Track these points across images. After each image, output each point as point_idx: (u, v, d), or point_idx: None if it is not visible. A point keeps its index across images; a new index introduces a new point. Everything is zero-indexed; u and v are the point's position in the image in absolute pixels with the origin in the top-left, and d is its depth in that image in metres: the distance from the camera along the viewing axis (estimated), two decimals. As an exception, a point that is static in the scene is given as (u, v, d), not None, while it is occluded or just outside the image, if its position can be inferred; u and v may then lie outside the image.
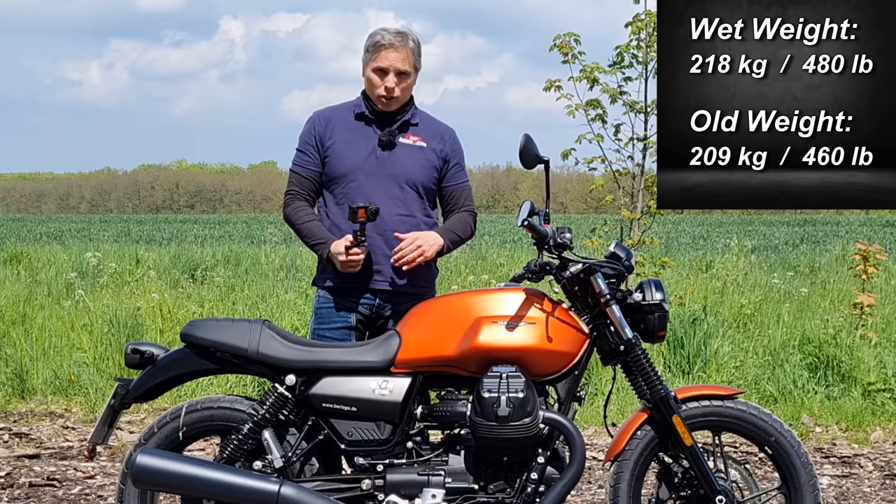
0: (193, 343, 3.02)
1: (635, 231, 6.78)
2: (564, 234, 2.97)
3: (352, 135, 3.32)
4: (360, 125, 3.34)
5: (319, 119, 3.38)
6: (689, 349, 6.25)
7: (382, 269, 3.27)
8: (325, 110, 3.42)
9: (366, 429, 2.98)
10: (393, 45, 3.26)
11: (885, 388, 5.88)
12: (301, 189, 3.37)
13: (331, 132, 3.33)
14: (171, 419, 3.05)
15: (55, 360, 6.36)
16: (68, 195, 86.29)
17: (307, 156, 3.36)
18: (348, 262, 3.17)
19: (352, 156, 3.30)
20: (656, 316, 3.00)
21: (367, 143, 3.31)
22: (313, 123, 3.38)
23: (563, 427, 2.91)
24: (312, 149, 3.35)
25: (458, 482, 2.93)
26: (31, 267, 12.16)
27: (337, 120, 3.36)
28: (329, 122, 3.36)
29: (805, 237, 26.63)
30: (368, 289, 3.28)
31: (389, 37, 3.28)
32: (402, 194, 3.29)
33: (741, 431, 3.10)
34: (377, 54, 3.28)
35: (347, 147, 3.31)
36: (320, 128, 3.36)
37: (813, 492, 3.05)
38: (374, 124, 3.33)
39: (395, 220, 3.27)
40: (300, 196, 3.37)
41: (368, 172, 3.28)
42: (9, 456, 4.85)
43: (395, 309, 3.30)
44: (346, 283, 3.28)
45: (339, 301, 3.31)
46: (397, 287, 3.29)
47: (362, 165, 3.29)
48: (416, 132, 3.35)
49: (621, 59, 6.67)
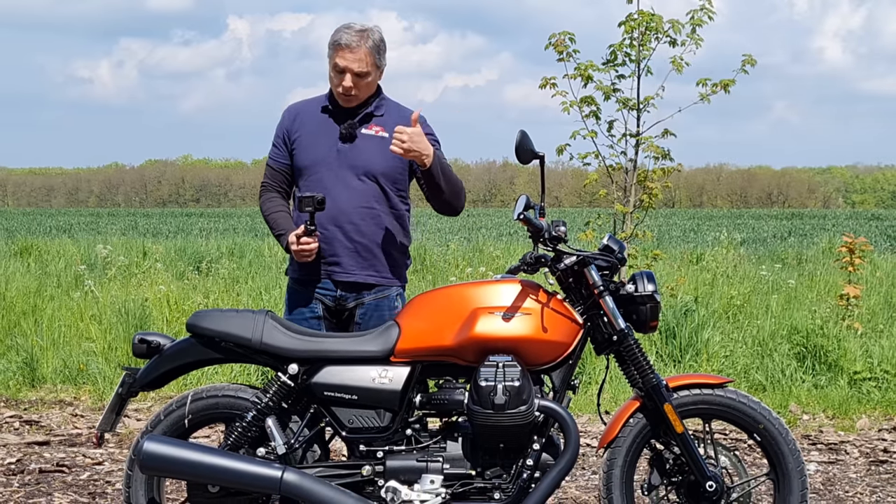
0: (199, 333, 3.07)
1: (628, 224, 6.85)
2: (559, 228, 3.01)
3: (317, 128, 3.36)
4: (325, 118, 3.37)
5: (290, 112, 3.43)
6: (681, 339, 6.33)
7: (342, 261, 3.30)
8: (296, 104, 3.47)
9: (366, 416, 3.02)
10: (350, 45, 3.26)
11: (871, 376, 5.96)
12: (273, 181, 3.43)
13: (298, 126, 3.38)
14: (177, 407, 3.10)
15: (64, 349, 6.44)
16: (77, 189, 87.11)
17: (278, 149, 3.42)
18: (299, 251, 3.21)
19: (314, 149, 3.34)
20: (648, 307, 3.05)
21: (330, 137, 3.33)
22: (284, 117, 3.43)
23: (558, 415, 2.96)
24: (282, 142, 3.41)
25: (455, 468, 2.98)
26: (41, 259, 12.21)
27: (305, 113, 3.40)
28: (297, 115, 3.41)
29: (793, 230, 26.77)
30: (330, 279, 3.32)
31: (348, 36, 3.27)
32: (361, 186, 3.31)
33: (731, 419, 3.14)
34: (336, 53, 3.29)
35: (311, 140, 3.35)
36: (288, 122, 3.41)
37: (800, 477, 3.09)
38: (338, 118, 3.35)
39: (354, 211, 3.29)
40: (271, 188, 3.43)
41: (329, 165, 3.31)
42: (19, 443, 4.91)
43: (358, 300, 3.34)
44: (308, 273, 3.33)
45: (304, 290, 3.36)
46: (357, 278, 3.32)
47: (324, 158, 3.32)
48: (379, 122, 3.36)
49: (615, 57, 6.73)
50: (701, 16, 6.72)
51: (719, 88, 6.78)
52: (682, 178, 65.20)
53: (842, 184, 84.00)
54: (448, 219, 37.61)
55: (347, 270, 3.32)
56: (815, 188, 79.02)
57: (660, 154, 6.79)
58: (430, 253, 11.95)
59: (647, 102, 6.74)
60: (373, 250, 3.33)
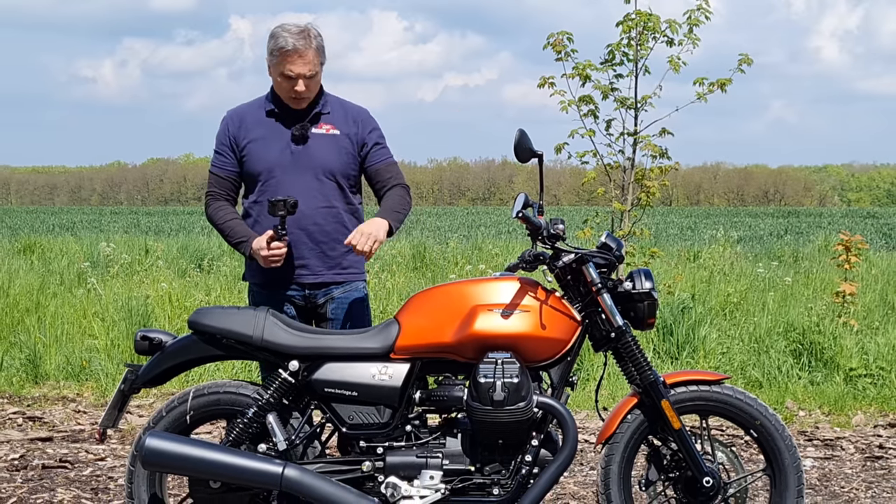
0: (200, 330, 3.09)
1: (626, 222, 6.88)
2: (557, 226, 3.02)
3: (266, 132, 3.33)
4: (271, 122, 3.34)
5: (233, 119, 3.39)
6: (678, 336, 6.36)
7: (307, 263, 3.30)
8: (237, 109, 3.43)
9: (366, 413, 3.04)
10: (297, 49, 3.23)
11: (867, 373, 6.00)
12: (220, 189, 3.39)
13: (245, 132, 3.35)
14: (179, 403, 3.12)
15: (67, 346, 6.47)
16: (80, 188, 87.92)
17: (224, 157, 3.38)
18: (270, 256, 3.21)
19: (267, 153, 3.31)
20: (646, 304, 3.07)
21: (281, 140, 3.32)
22: (227, 124, 3.38)
23: (556, 411, 2.98)
24: (228, 149, 3.37)
25: (455, 464, 3.00)
26: (45, 257, 12.26)
27: (250, 118, 3.36)
28: (242, 121, 3.37)
29: (789, 228, 26.82)
30: (296, 282, 3.32)
31: (293, 40, 3.23)
32: (320, 186, 3.31)
33: (728, 415, 3.16)
34: (282, 60, 3.24)
35: (262, 145, 3.32)
36: (234, 128, 3.37)
37: (797, 473, 3.11)
38: (286, 120, 3.33)
39: (316, 212, 3.30)
40: (220, 196, 3.39)
41: (285, 168, 3.30)
42: (23, 439, 4.94)
43: (327, 296, 3.35)
44: (272, 277, 3.32)
45: (269, 293, 3.35)
46: (324, 278, 3.34)
47: (279, 161, 3.30)
48: (328, 120, 3.35)
49: (612, 56, 6.76)
50: (698, 16, 6.75)
51: (716, 87, 6.81)
52: (680, 177, 65.25)
53: (838, 182, 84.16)
54: (447, 217, 37.68)
55: (314, 272, 3.34)
56: (811, 186, 79.17)
57: (657, 153, 6.83)
58: (430, 250, 11.98)
59: (645, 101, 6.78)
60: (337, 248, 3.34)
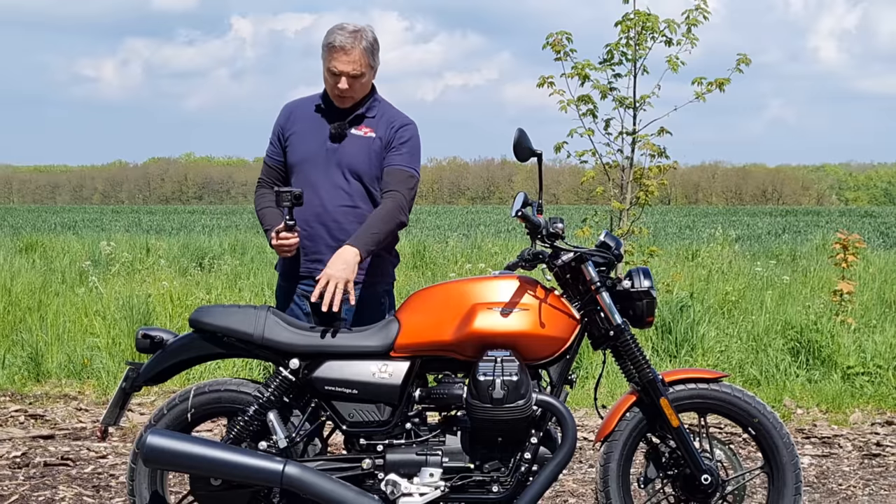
0: (201, 328, 3.10)
1: (624, 221, 6.90)
2: (556, 224, 3.03)
3: (309, 126, 3.38)
4: (317, 117, 3.39)
5: (285, 110, 3.46)
6: (677, 334, 6.38)
7: (324, 258, 3.28)
8: (293, 102, 3.49)
9: (366, 410, 3.05)
10: (344, 47, 3.26)
11: (864, 371, 6.02)
12: (267, 178, 3.47)
13: (291, 123, 3.41)
14: (180, 401, 3.13)
15: (69, 344, 6.49)
16: (82, 187, 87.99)
17: (273, 146, 3.46)
18: (279, 246, 3.23)
19: (305, 147, 3.36)
20: (644, 302, 3.08)
21: (319, 135, 3.35)
22: (280, 115, 3.46)
23: (556, 409, 2.99)
24: (277, 139, 3.44)
25: (454, 461, 3.01)
26: (46, 255, 12.30)
27: (300, 111, 3.42)
28: (292, 113, 3.43)
29: (787, 227, 26.86)
30: (311, 277, 3.31)
31: (342, 38, 3.27)
32: (347, 185, 3.32)
33: (726, 413, 3.17)
34: (329, 55, 3.29)
35: (302, 138, 3.37)
36: (283, 119, 3.44)
37: (794, 471, 3.13)
38: (329, 117, 3.37)
39: (337, 210, 3.32)
40: (265, 184, 3.46)
41: (316, 163, 3.33)
42: (24, 436, 4.95)
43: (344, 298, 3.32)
44: (292, 269, 3.36)
45: (289, 286, 3.39)
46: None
47: (313, 156, 3.34)
48: (369, 124, 3.37)
49: (611, 56, 6.78)
50: (696, 15, 6.77)
51: (714, 87, 6.83)
52: (678, 176, 65.25)
53: (835, 181, 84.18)
54: (447, 216, 37.67)
55: None
56: (809, 186, 79.19)
57: (656, 152, 6.85)
58: (430, 249, 12.01)
59: (644, 101, 6.80)
60: None
